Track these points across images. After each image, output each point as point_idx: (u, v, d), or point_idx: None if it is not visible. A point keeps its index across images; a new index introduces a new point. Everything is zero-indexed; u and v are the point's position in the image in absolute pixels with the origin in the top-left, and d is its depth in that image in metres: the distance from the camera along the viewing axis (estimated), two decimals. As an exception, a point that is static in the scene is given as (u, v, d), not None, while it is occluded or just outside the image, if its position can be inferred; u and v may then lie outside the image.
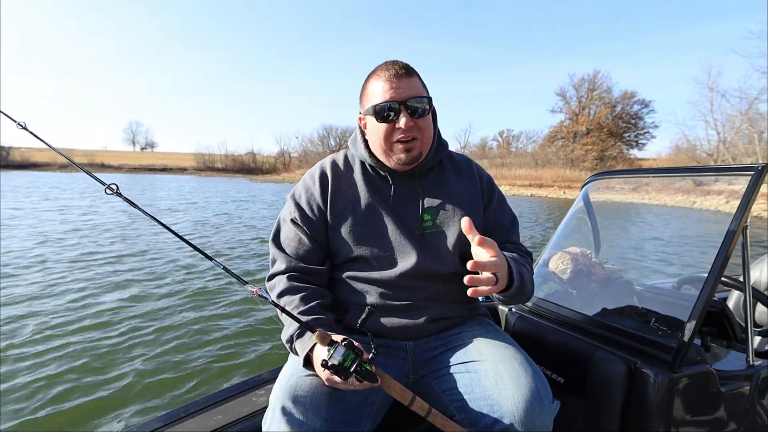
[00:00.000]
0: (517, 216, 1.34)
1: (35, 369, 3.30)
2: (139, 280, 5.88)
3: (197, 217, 13.64)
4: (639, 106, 42.05)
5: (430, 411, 0.94)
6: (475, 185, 1.24)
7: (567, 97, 45.28)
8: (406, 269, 1.13)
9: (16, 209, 13.60)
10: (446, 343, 1.16)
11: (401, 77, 1.08)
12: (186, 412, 1.20)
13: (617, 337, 1.33)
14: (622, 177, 1.71)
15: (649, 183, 16.79)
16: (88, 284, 5.59)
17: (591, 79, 43.36)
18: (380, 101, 1.08)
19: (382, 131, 1.10)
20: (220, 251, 8.15)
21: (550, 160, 43.19)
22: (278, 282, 1.13)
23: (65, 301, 4.91)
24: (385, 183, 1.19)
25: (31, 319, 4.28)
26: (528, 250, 1.26)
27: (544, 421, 0.95)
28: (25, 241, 8.32)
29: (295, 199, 1.21)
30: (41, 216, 12.18)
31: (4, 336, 3.85)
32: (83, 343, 3.79)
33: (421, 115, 1.10)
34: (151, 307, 4.83)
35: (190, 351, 3.71)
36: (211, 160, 77.14)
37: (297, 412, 0.91)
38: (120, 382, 3.18)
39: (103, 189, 0.96)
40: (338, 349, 0.87)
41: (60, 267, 6.43)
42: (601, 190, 1.76)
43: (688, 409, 1.22)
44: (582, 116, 43.83)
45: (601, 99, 42.92)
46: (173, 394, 3.06)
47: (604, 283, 1.73)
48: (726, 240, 1.23)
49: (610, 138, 41.86)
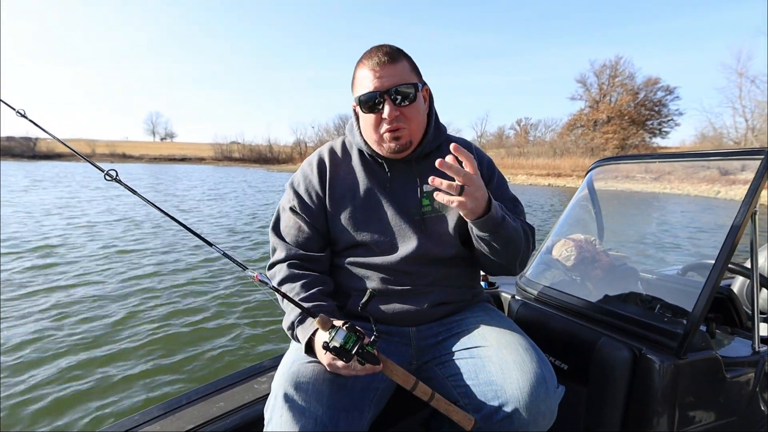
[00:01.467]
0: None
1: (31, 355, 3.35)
2: (146, 268, 5.97)
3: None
4: (663, 92, 40.87)
5: (433, 395, 0.93)
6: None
7: (587, 84, 44.29)
8: (407, 254, 1.12)
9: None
10: (449, 329, 1.16)
11: (384, 65, 1.05)
12: (188, 399, 1.21)
13: (622, 324, 1.32)
14: (628, 162, 1.67)
15: (671, 172, 16.32)
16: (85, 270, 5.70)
17: (613, 65, 42.30)
18: (365, 91, 1.07)
19: (370, 121, 1.10)
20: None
21: (569, 149, 42.33)
22: (279, 270, 1.14)
23: (64, 285, 5.02)
24: (382, 169, 1.18)
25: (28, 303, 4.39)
26: (530, 224, 1.23)
27: (549, 406, 0.94)
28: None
29: (293, 187, 1.21)
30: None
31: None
32: (76, 331, 3.82)
33: (409, 102, 1.07)
34: (151, 293, 4.87)
35: (191, 339, 3.72)
36: (228, 150, 78.17)
37: (299, 398, 0.91)
38: (119, 369, 3.19)
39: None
40: (339, 332, 0.87)
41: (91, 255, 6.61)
42: (620, 179, 1.73)
43: (693, 395, 1.21)
44: (603, 104, 42.75)
45: (623, 86, 41.84)
46: (174, 381, 3.06)
47: (609, 270, 1.71)
48: (734, 226, 1.21)
49: (631, 126, 40.77)
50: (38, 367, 3.22)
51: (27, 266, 5.84)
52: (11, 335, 3.67)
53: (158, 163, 68.50)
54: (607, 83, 42.99)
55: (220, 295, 4.90)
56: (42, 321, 4.00)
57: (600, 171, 1.75)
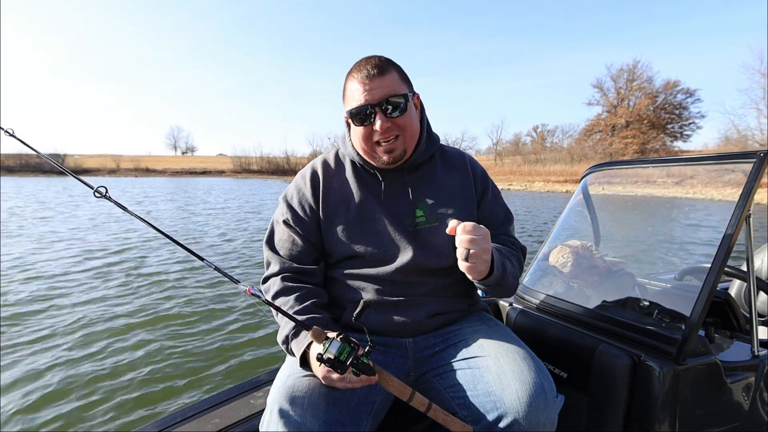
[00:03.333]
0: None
1: (27, 366, 3.34)
2: (134, 281, 5.90)
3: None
4: (683, 95, 40.01)
5: (431, 406, 0.92)
6: (468, 179, 1.23)
7: (604, 88, 43.74)
8: (402, 265, 1.11)
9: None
10: (447, 339, 1.15)
11: (373, 78, 1.05)
12: (183, 416, 1.19)
13: (620, 330, 1.31)
14: (621, 168, 1.67)
15: (693, 176, 15.84)
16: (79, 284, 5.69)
17: (630, 68, 41.69)
18: (355, 105, 1.07)
19: (361, 133, 1.10)
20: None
21: (587, 155, 41.67)
22: (273, 284, 1.13)
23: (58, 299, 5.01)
24: (376, 180, 1.18)
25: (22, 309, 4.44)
26: (521, 245, 1.25)
27: (549, 416, 0.93)
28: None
29: (287, 201, 1.21)
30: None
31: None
32: (72, 343, 3.80)
33: (400, 112, 1.08)
34: (144, 309, 4.78)
35: (185, 354, 3.67)
36: (247, 163, 79.45)
37: (295, 413, 0.90)
38: (114, 384, 3.14)
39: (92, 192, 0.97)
40: (333, 343, 0.86)
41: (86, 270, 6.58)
42: (639, 184, 1.71)
43: (693, 400, 1.20)
44: (621, 108, 42.09)
45: (642, 89, 41.11)
46: (167, 398, 3.02)
47: (606, 276, 1.71)
48: (729, 229, 1.21)
49: (651, 130, 39.94)
50: (26, 373, 3.22)
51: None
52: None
53: (180, 177, 69.96)
54: (624, 87, 42.36)
55: (211, 308, 4.84)
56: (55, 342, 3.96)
57: (615, 176, 1.75)
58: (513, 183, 35.13)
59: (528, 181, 35.23)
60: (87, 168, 72.06)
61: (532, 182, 34.66)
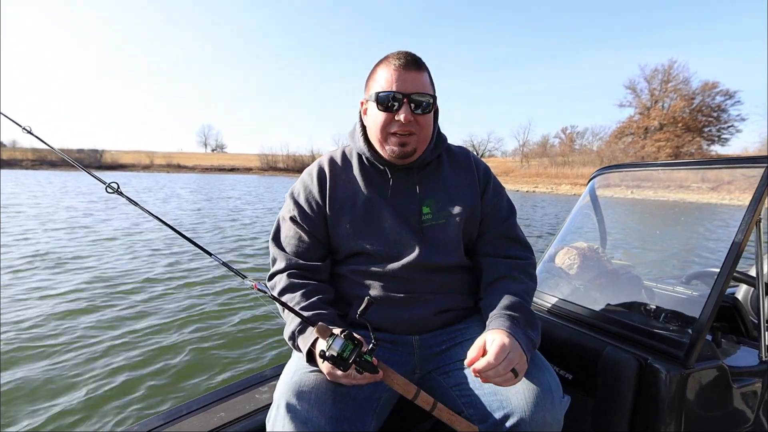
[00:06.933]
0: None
1: (37, 365, 3.30)
2: (142, 277, 5.88)
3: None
4: (722, 97, 38.33)
5: (436, 405, 0.92)
6: (473, 176, 1.23)
7: (637, 90, 42.51)
8: (408, 262, 1.11)
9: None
10: (453, 337, 1.14)
11: (410, 70, 1.06)
12: (188, 409, 1.20)
13: (627, 333, 1.31)
14: (629, 170, 1.65)
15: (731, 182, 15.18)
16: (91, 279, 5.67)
17: (666, 69, 40.35)
18: (385, 89, 1.06)
19: (381, 119, 1.09)
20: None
21: (618, 158, 40.49)
22: (279, 280, 1.12)
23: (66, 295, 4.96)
24: (384, 177, 1.18)
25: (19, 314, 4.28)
26: (527, 243, 1.26)
27: (555, 416, 0.92)
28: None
29: (294, 197, 1.20)
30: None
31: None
32: (77, 339, 3.78)
33: (424, 111, 1.08)
34: (152, 303, 4.79)
35: (191, 348, 3.67)
36: (273, 161, 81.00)
37: (302, 408, 0.90)
38: (119, 379, 3.13)
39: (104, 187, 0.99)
40: (337, 340, 0.86)
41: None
42: (672, 189, 1.70)
43: (699, 405, 1.20)
44: (654, 110, 40.73)
45: (677, 91, 39.68)
46: (174, 391, 3.02)
47: (613, 279, 1.70)
48: (739, 234, 1.19)
49: (687, 133, 38.43)
50: (36, 373, 3.17)
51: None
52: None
53: (210, 173, 71.76)
54: (659, 89, 41.01)
55: (219, 303, 4.86)
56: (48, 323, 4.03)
57: (645, 179, 1.73)
58: (539, 185, 34.48)
59: (555, 183, 34.51)
60: (123, 163, 75.08)
61: (559, 185, 33.94)
